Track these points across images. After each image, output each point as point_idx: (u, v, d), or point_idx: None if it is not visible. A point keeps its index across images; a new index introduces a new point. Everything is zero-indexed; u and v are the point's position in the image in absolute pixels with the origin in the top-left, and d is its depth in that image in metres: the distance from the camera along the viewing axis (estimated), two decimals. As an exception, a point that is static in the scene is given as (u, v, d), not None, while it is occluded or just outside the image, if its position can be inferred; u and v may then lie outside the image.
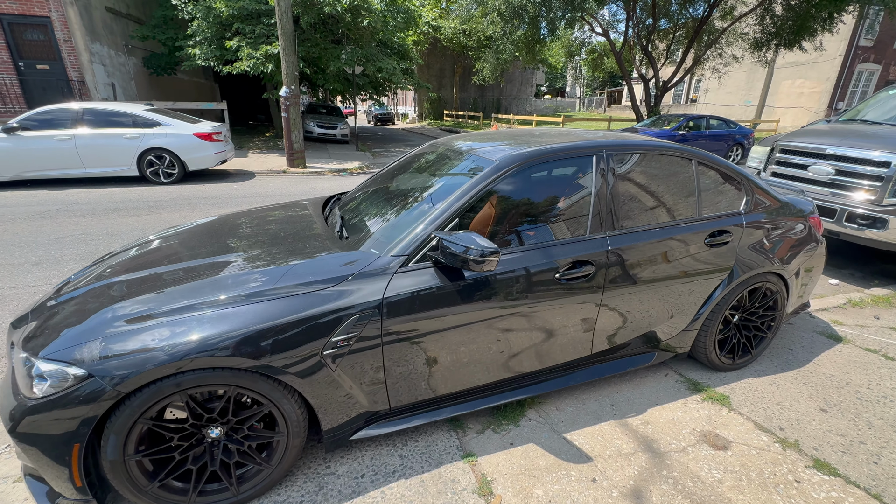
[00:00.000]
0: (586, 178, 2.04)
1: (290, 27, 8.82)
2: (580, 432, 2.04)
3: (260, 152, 11.98)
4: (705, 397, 2.30)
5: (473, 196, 1.82)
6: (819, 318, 3.28)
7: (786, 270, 2.45)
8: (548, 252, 1.90)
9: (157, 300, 1.52)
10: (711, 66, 18.73)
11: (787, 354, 2.75)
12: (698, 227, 2.22)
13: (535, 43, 15.57)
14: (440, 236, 1.65)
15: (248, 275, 1.64)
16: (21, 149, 6.90)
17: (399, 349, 1.69)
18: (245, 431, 1.57)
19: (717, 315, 2.35)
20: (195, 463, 1.54)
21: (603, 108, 39.97)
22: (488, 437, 2.01)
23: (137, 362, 1.33)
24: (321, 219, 2.29)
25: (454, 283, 1.72)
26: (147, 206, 6.04)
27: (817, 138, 4.25)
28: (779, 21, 15.12)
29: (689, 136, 11.47)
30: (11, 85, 10.53)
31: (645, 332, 2.24)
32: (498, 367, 1.94)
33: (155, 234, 2.37)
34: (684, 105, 29.25)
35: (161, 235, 2.32)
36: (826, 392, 2.37)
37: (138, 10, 14.03)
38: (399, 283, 1.66)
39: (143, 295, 1.56)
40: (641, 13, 16.82)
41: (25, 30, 10.45)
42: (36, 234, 4.69)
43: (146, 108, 7.87)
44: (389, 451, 1.91)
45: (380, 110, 32.62)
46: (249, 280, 1.60)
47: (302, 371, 1.52)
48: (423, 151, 2.54)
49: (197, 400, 1.48)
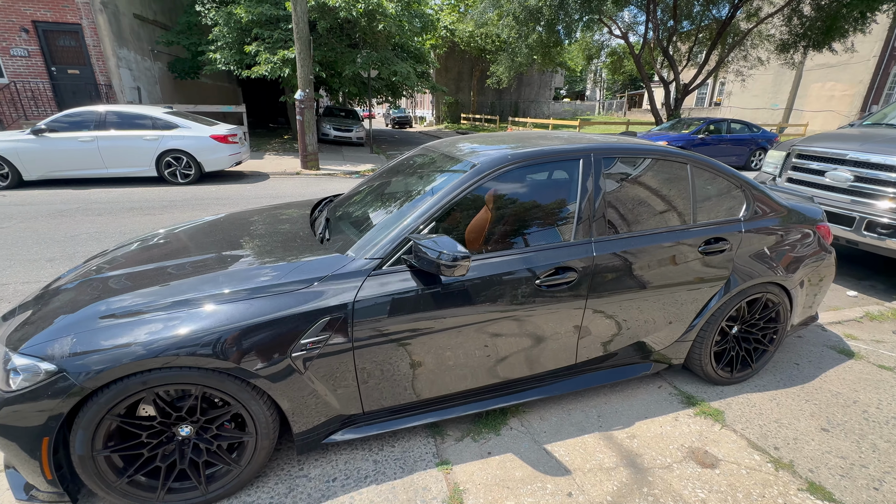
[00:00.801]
0: (572, 183, 1.99)
1: (306, 32, 8.98)
2: (562, 444, 1.98)
3: (276, 154, 12.22)
4: (698, 412, 2.21)
5: (451, 200, 1.79)
6: (831, 332, 3.11)
7: (789, 281, 2.34)
8: (528, 257, 1.85)
9: (130, 299, 1.54)
10: (735, 69, 18.21)
11: (792, 369, 2.62)
12: (692, 234, 2.13)
13: (551, 46, 15.44)
14: (413, 239, 1.63)
15: (217, 276, 1.65)
16: (48, 150, 7.22)
17: (371, 353, 1.67)
18: (214, 431, 1.58)
19: (713, 326, 2.25)
20: (164, 460, 1.55)
21: (623, 112, 39.32)
22: (466, 445, 1.97)
23: (104, 360, 1.35)
24: (307, 221, 2.29)
25: (428, 288, 1.69)
26: (161, 206, 6.22)
27: (837, 143, 4.06)
28: (807, 21, 14.58)
29: (709, 140, 11.15)
30: (44, 89, 11.04)
31: (634, 342, 2.17)
32: (475, 374, 1.90)
33: (140, 236, 2.42)
34: (708, 108, 28.50)
35: (143, 237, 2.36)
36: (830, 410, 2.24)
37: (165, 16, 14.54)
38: (371, 287, 1.64)
39: (119, 294, 1.58)
40: (663, 14, 16.50)
41: (58, 36, 10.95)
42: (53, 232, 4.88)
43: (165, 110, 8.12)
44: (364, 456, 1.89)
45: (397, 113, 32.86)
46: (219, 282, 1.61)
47: (269, 373, 1.51)
48: (414, 155, 2.53)
49: (164, 398, 1.50)
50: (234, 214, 2.60)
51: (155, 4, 14.05)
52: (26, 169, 7.18)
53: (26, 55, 10.76)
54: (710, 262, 2.17)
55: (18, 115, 10.81)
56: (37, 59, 10.82)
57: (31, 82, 10.89)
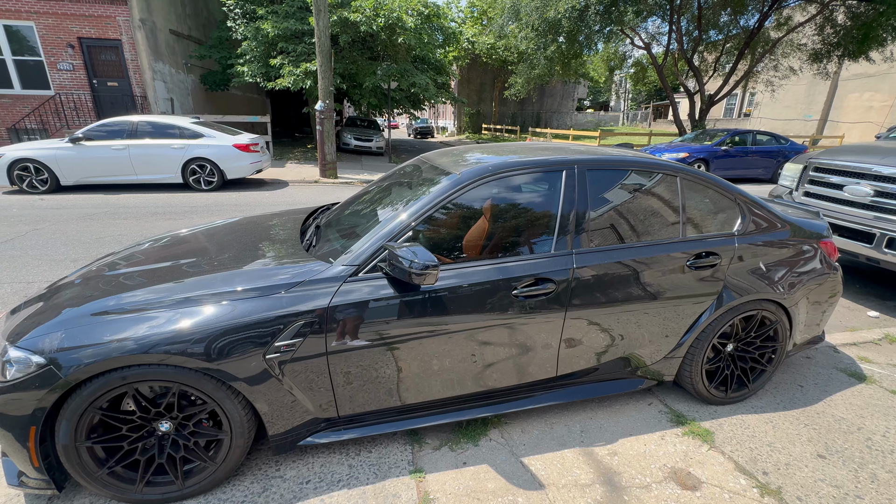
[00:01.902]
0: (554, 194, 1.99)
1: (328, 45, 9.29)
2: (540, 457, 1.96)
3: (297, 163, 12.58)
4: (686, 431, 2.14)
5: (429, 210, 1.83)
6: (844, 354, 2.96)
7: (787, 299, 2.25)
8: (506, 267, 1.86)
9: (117, 300, 1.63)
10: (765, 79, 17.70)
11: (794, 391, 2.51)
12: (680, 248, 2.09)
13: (571, 57, 15.41)
14: (388, 247, 1.67)
15: (198, 280, 1.72)
16: (84, 157, 7.68)
17: (345, 358, 1.71)
18: (191, 428, 1.65)
19: (704, 343, 2.19)
20: (143, 454, 1.62)
21: (648, 123, 38.66)
22: (443, 454, 1.97)
23: (85, 355, 1.44)
24: (298, 228, 2.37)
25: (402, 295, 1.72)
26: (183, 211, 6.50)
27: (856, 156, 3.89)
28: (841, 30, 14.09)
29: (733, 152, 10.84)
30: (86, 100, 11.76)
31: (619, 357, 2.13)
32: (452, 383, 1.91)
33: (144, 240, 2.54)
34: (736, 119, 27.71)
35: (144, 241, 2.46)
36: (830, 436, 2.13)
37: (199, 31, 15.32)
38: (347, 293, 1.68)
39: (108, 294, 1.68)
40: (688, 24, 16.25)
41: (101, 52, 11.69)
42: (81, 234, 5.17)
43: (193, 121, 8.51)
44: (340, 460, 1.92)
45: (419, 123, 33.31)
46: (198, 285, 1.68)
47: (243, 374, 1.57)
48: (407, 165, 2.58)
49: (144, 394, 1.57)
50: (231, 221, 2.70)
51: (190, 20, 14.83)
52: (64, 175, 7.66)
53: (71, 69, 11.52)
54: (700, 277, 2.12)
55: (62, 125, 11.55)
56: (80, 72, 11.57)
57: (74, 94, 11.63)
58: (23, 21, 11.08)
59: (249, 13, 12.77)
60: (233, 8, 13.04)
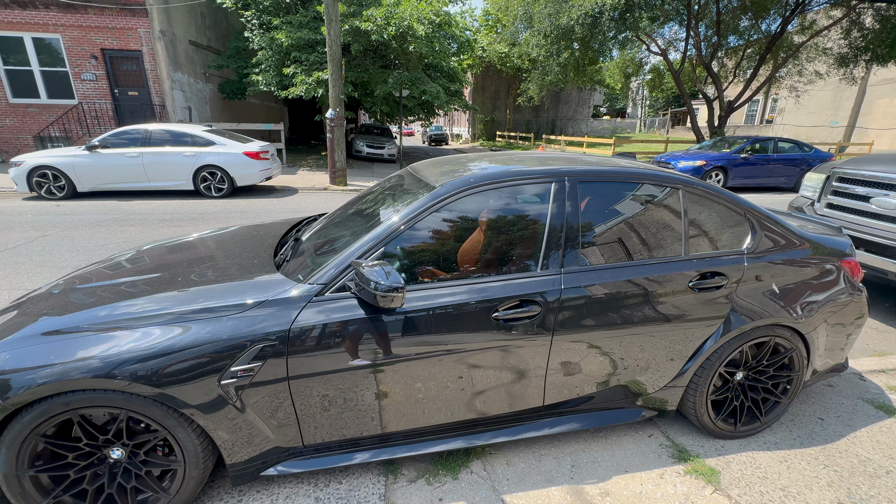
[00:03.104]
0: (542, 208, 1.84)
1: (338, 55, 9.34)
2: (523, 495, 1.79)
3: (309, 170, 12.67)
4: (689, 469, 1.94)
5: (402, 226, 1.70)
6: (871, 382, 2.70)
7: (803, 324, 2.04)
8: (485, 288, 1.72)
9: (71, 318, 1.55)
10: (789, 85, 17.14)
11: (814, 425, 2.28)
12: (681, 268, 1.91)
13: (586, 64, 15.21)
14: (355, 266, 1.55)
15: (155, 297, 1.63)
16: (99, 164, 7.84)
17: (309, 384, 1.58)
18: (142, 456, 1.54)
19: (709, 371, 1.99)
20: (92, 483, 1.53)
21: (666, 130, 37.95)
22: (419, 487, 1.83)
23: (24, 380, 1.35)
24: (275, 242, 2.27)
25: (371, 317, 1.60)
26: (190, 218, 6.55)
27: (884, 165, 3.62)
28: (869, 34, 13.54)
29: (753, 160, 10.44)
30: (107, 109, 12.12)
31: (613, 385, 1.95)
32: (427, 412, 1.77)
33: (115, 254, 2.45)
34: (758, 126, 26.92)
35: (113, 256, 2.38)
36: (854, 480, 1.90)
37: (218, 42, 15.70)
38: (311, 314, 1.57)
39: (63, 312, 1.60)
40: (706, 30, 15.88)
41: (122, 62, 12.05)
42: (88, 240, 5.22)
43: (205, 129, 8.64)
44: (307, 491, 1.79)
45: (434, 130, 33.38)
46: (155, 303, 1.59)
47: (196, 400, 1.46)
48: (394, 176, 2.47)
49: (92, 420, 1.47)
50: (206, 234, 2.59)
51: (210, 31, 15.21)
52: (80, 181, 7.83)
53: (94, 79, 11.89)
54: (704, 299, 1.93)
55: (83, 133, 11.90)
56: (102, 82, 11.93)
57: (96, 103, 11.99)
58: (50, 34, 11.50)
59: (265, 24, 13.02)
60: (250, 19, 13.32)
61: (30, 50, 11.52)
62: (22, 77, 11.69)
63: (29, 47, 11.50)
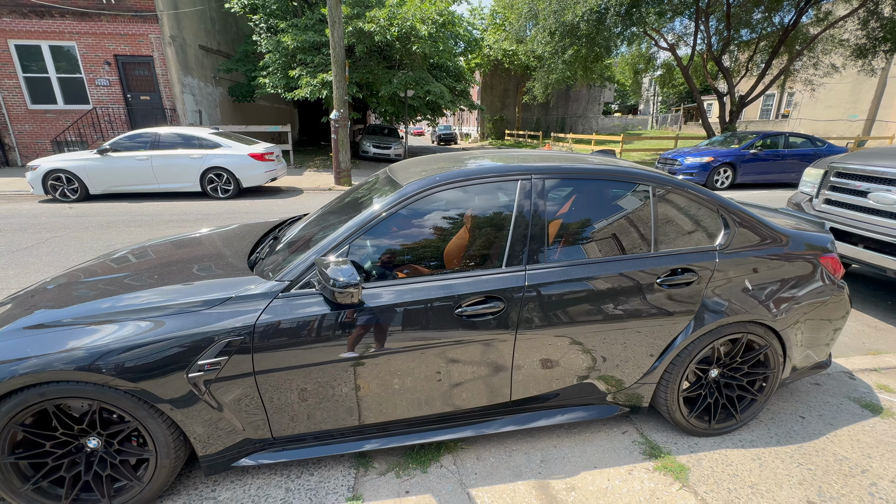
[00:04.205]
0: (508, 206, 1.86)
1: (342, 56, 9.44)
2: (489, 489, 1.82)
3: (316, 170, 12.83)
4: (658, 466, 1.94)
5: (367, 224, 1.74)
6: (860, 380, 2.65)
7: (778, 321, 2.02)
8: (451, 285, 1.74)
9: (52, 314, 1.63)
10: (804, 78, 16.71)
11: (794, 423, 2.25)
12: (650, 264, 1.91)
13: (592, 61, 15.05)
14: (317, 263, 1.60)
15: (130, 295, 1.70)
16: (110, 167, 8.08)
17: (275, 377, 1.63)
18: (116, 446, 1.61)
19: (679, 368, 1.99)
20: (69, 471, 1.60)
21: (679, 126, 37.32)
22: (388, 480, 1.87)
23: (4, 371, 1.43)
24: (253, 241, 2.33)
25: (333, 313, 1.64)
26: (195, 219, 6.71)
27: (882, 160, 3.53)
28: (888, 23, 13.12)
29: (762, 155, 10.23)
30: (120, 113, 12.45)
31: (581, 381, 1.96)
32: (393, 407, 1.80)
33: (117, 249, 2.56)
34: (774, 121, 26.29)
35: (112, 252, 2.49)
36: (826, 479, 1.88)
37: (228, 46, 15.98)
38: (276, 310, 1.62)
39: (42, 308, 1.68)
40: (718, 24, 15.58)
41: (134, 67, 12.36)
42: (95, 241, 5.40)
43: (212, 131, 8.82)
44: (279, 482, 1.84)
45: (442, 130, 33.42)
46: (125, 300, 1.66)
47: (165, 393, 1.53)
48: (374, 175, 2.52)
49: (68, 410, 1.55)
50: (193, 234, 2.67)
51: (220, 36, 15.50)
52: (92, 184, 8.08)
53: (108, 84, 12.23)
54: (674, 295, 1.93)
55: (98, 137, 12.26)
56: (116, 87, 12.27)
57: (110, 108, 12.34)
58: (66, 41, 11.87)
59: (273, 27, 13.22)
60: (258, 23, 13.54)
61: (47, 57, 11.91)
62: (40, 84, 12.09)
63: (46, 55, 11.89)
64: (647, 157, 16.98)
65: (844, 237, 3.63)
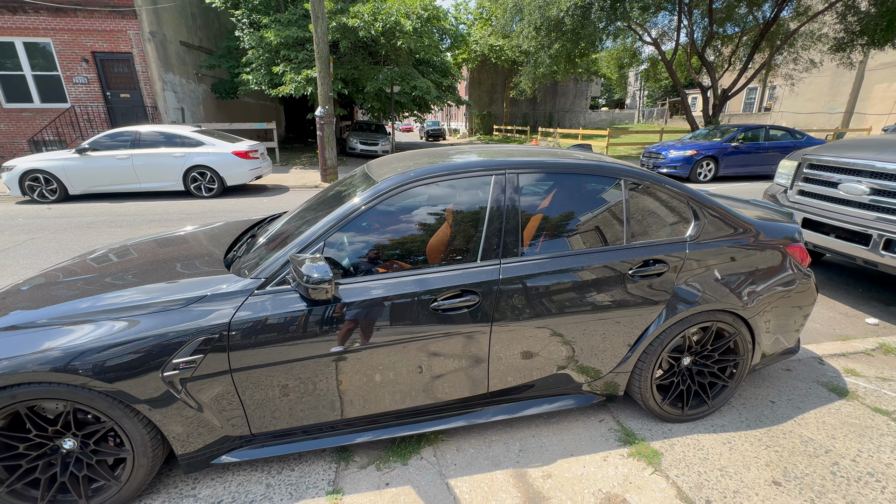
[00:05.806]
0: (482, 200, 1.89)
1: (326, 52, 9.35)
2: (468, 479, 1.85)
3: (302, 168, 12.72)
4: (633, 452, 2.00)
5: (341, 221, 1.75)
6: (829, 365, 2.74)
7: (747, 309, 2.08)
8: (425, 279, 1.77)
9: (24, 316, 1.61)
10: (784, 73, 16.99)
11: (764, 408, 2.32)
12: (621, 256, 1.96)
13: (577, 56, 15.12)
14: (291, 260, 1.61)
15: (102, 296, 1.69)
16: (90, 167, 7.92)
17: (252, 375, 1.64)
18: (92, 446, 1.61)
19: (652, 357, 2.04)
20: (44, 472, 1.60)
21: (665, 120, 37.73)
22: (368, 473, 1.89)
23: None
24: (230, 239, 2.32)
25: (309, 309, 1.65)
26: (178, 219, 6.62)
27: (851, 151, 3.63)
28: (864, 18, 13.39)
29: (744, 148, 10.41)
30: (100, 112, 12.19)
31: (557, 371, 2.00)
32: (371, 401, 1.83)
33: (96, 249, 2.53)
34: (756, 114, 26.72)
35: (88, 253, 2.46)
36: (792, 460, 1.95)
37: (210, 42, 15.71)
38: (251, 307, 1.63)
39: (20, 310, 1.67)
40: (701, 18, 15.74)
41: (113, 65, 12.10)
42: (75, 243, 5.31)
43: (194, 129, 8.69)
44: (259, 478, 1.86)
45: (430, 126, 33.31)
46: (102, 301, 1.65)
47: (140, 393, 1.53)
48: (354, 172, 2.52)
49: (39, 412, 1.54)
50: (170, 234, 2.65)
51: (201, 32, 15.22)
52: (71, 184, 7.91)
53: (86, 82, 11.95)
54: (645, 286, 1.98)
55: (77, 136, 11.99)
56: (94, 85, 11.99)
57: (89, 106, 12.06)
58: (41, 38, 11.56)
59: (255, 22, 13.03)
60: (241, 18, 13.33)
61: (21, 55, 11.58)
62: (15, 82, 11.76)
63: (21, 52, 11.56)
64: (633, 152, 17.15)
65: (817, 227, 3.73)
